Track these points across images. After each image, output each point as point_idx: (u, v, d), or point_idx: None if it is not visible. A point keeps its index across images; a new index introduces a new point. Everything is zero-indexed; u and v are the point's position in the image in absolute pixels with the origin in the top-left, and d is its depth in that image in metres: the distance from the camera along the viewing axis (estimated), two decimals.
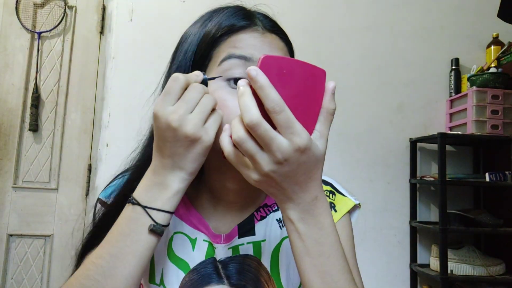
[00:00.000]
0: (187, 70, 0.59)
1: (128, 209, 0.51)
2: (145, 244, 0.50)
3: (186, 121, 0.47)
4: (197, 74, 0.51)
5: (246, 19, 0.59)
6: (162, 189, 0.50)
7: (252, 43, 0.57)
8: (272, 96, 0.41)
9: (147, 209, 0.50)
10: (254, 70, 0.41)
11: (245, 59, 0.55)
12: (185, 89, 0.49)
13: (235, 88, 0.55)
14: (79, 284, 0.49)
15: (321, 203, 0.46)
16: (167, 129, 0.47)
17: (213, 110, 0.51)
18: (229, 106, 0.54)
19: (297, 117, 0.42)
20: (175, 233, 0.64)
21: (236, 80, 0.55)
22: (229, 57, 0.55)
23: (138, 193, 0.51)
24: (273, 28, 0.60)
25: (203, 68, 0.59)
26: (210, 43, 0.58)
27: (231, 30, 0.58)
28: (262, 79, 0.41)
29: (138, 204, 0.50)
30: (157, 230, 0.50)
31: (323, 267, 0.45)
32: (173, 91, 0.48)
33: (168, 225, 0.51)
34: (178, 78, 0.48)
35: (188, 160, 0.49)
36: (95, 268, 0.49)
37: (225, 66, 0.55)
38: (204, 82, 0.52)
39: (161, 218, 0.50)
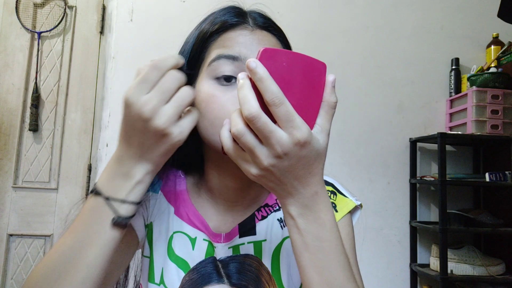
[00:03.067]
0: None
1: (91, 198, 0.49)
2: (108, 235, 0.48)
3: (159, 113, 0.44)
4: (178, 59, 0.48)
5: (237, 17, 0.59)
6: (126, 179, 0.48)
7: (241, 41, 0.57)
8: (272, 89, 0.40)
9: (110, 201, 0.48)
10: (254, 62, 0.40)
11: (233, 58, 0.55)
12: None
13: (224, 85, 0.55)
14: (41, 272, 0.47)
15: (321, 199, 0.45)
16: (138, 119, 0.45)
17: (190, 109, 0.49)
18: (217, 102, 0.54)
19: (297, 111, 0.41)
20: (174, 232, 0.64)
21: (225, 77, 0.55)
22: (218, 57, 0.56)
23: (101, 182, 0.49)
24: (265, 24, 0.60)
25: (195, 69, 0.60)
26: (201, 44, 0.59)
27: (222, 29, 0.58)
28: (261, 71, 0.40)
29: (101, 194, 0.48)
30: (120, 223, 0.48)
31: (322, 263, 0.45)
32: (149, 80, 0.45)
33: (133, 215, 0.49)
34: (158, 66, 0.45)
35: (156, 153, 0.47)
36: (57, 257, 0.47)
37: (215, 66, 0.56)
38: (183, 70, 0.49)
39: (125, 209, 0.48)
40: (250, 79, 0.41)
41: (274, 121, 0.41)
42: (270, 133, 0.40)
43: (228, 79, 0.55)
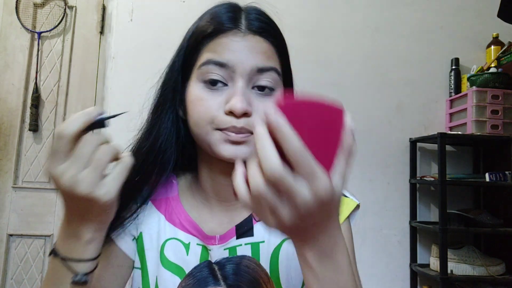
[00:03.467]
0: (178, 67, 0.63)
1: (52, 259, 0.49)
2: None
3: (78, 181, 0.43)
4: (90, 114, 0.45)
5: (231, 21, 0.59)
6: (76, 239, 0.48)
7: (231, 48, 0.57)
8: (295, 146, 0.36)
9: (67, 261, 0.48)
10: (275, 116, 0.36)
11: (221, 65, 0.57)
12: (77, 140, 0.44)
13: (212, 89, 0.58)
14: None
15: (339, 243, 0.43)
16: (62, 189, 0.44)
17: (121, 158, 0.47)
18: (203, 105, 0.57)
19: (316, 159, 0.38)
20: (167, 239, 0.64)
21: (212, 82, 0.57)
22: (208, 62, 0.58)
23: (58, 243, 0.49)
24: (259, 29, 0.59)
25: (188, 69, 0.61)
26: (195, 45, 0.61)
27: (214, 34, 0.59)
28: (285, 129, 0.36)
29: (58, 255, 0.49)
30: (79, 281, 0.48)
31: None
32: (59, 150, 0.43)
33: (94, 269, 0.50)
34: (62, 135, 0.43)
35: (93, 213, 0.47)
36: None
37: (204, 70, 0.58)
38: (101, 123, 0.47)
39: (82, 267, 0.48)
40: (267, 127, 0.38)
41: (289, 165, 0.37)
42: (295, 194, 0.37)
43: (215, 83, 0.57)
